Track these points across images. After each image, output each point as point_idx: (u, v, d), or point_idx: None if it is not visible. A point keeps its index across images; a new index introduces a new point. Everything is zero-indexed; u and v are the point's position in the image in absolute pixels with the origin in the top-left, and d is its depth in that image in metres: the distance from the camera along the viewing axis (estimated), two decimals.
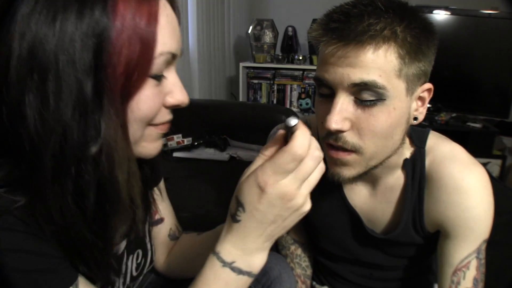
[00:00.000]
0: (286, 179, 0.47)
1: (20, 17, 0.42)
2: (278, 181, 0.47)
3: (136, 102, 0.47)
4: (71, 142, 0.43)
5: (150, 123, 0.51)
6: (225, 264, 0.51)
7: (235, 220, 0.51)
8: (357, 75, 0.58)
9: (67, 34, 0.42)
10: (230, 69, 3.19)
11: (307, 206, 0.50)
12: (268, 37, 2.98)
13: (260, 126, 1.34)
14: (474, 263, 0.70)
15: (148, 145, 0.54)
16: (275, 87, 3.05)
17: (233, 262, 0.51)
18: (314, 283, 0.97)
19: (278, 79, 3.03)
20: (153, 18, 0.45)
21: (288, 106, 3.02)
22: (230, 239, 0.51)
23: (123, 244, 0.64)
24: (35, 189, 0.45)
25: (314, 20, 2.91)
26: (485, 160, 2.28)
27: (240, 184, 0.51)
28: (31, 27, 0.42)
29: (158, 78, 0.49)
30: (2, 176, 0.45)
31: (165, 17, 0.48)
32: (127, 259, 0.66)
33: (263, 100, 3.10)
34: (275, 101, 3.08)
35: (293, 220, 0.51)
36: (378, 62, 0.57)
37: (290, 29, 2.95)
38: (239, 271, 0.52)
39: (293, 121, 0.46)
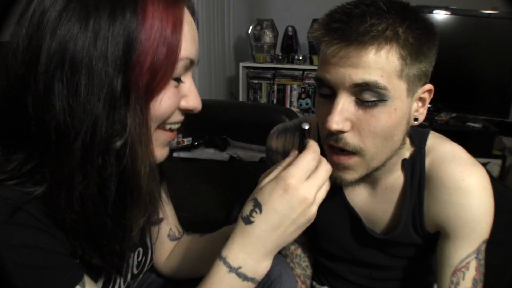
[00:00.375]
0: (306, 182, 0.51)
1: (53, 13, 0.44)
2: (301, 182, 0.50)
3: (158, 101, 0.50)
4: (100, 134, 0.45)
5: (162, 124, 0.53)
6: (231, 269, 0.52)
7: (247, 221, 0.51)
8: (359, 75, 0.58)
9: (101, 32, 0.44)
10: (230, 69, 3.19)
11: (315, 215, 0.53)
12: (268, 37, 2.98)
13: (260, 126, 1.34)
14: (473, 264, 0.70)
15: (157, 150, 0.55)
16: (275, 87, 3.05)
17: (239, 268, 0.52)
18: (314, 283, 0.97)
19: (278, 79, 3.03)
20: (178, 24, 0.49)
21: (288, 106, 3.02)
22: (239, 242, 0.52)
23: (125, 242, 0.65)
24: (58, 178, 0.46)
25: (314, 20, 2.92)
26: (485, 160, 2.28)
27: (261, 187, 0.52)
28: (63, 23, 0.44)
29: (178, 80, 0.52)
30: (12, 168, 0.46)
31: (187, 25, 0.51)
32: (129, 256, 0.66)
33: (263, 100, 3.10)
34: (275, 101, 3.08)
35: (302, 227, 0.53)
36: (380, 63, 0.57)
37: (290, 29, 2.95)
38: (244, 277, 0.52)
39: (306, 125, 0.53)
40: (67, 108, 0.44)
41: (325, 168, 0.54)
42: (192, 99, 0.55)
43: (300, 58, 2.94)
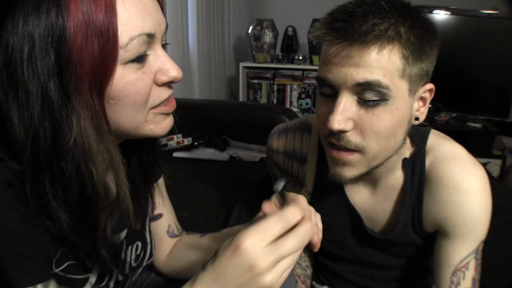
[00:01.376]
0: (265, 248, 0.44)
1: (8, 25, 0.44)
2: (255, 246, 0.44)
3: (117, 91, 0.47)
4: (44, 143, 0.45)
5: (150, 106, 0.52)
6: None
7: (203, 266, 0.48)
8: (361, 74, 0.58)
9: (28, 40, 0.43)
10: (230, 69, 3.19)
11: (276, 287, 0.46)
12: (268, 37, 2.98)
13: (260, 126, 1.34)
14: (472, 263, 0.70)
15: (156, 127, 0.54)
16: (275, 87, 3.05)
17: None
18: (314, 282, 0.97)
19: (278, 79, 3.03)
20: (109, 9, 0.45)
21: (288, 106, 3.02)
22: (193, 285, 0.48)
23: (123, 234, 0.65)
24: (29, 192, 0.46)
25: (314, 20, 2.91)
26: (485, 160, 2.28)
27: (227, 238, 0.48)
28: (5, 33, 0.44)
29: (139, 60, 0.48)
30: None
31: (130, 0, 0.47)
32: (126, 248, 0.66)
33: (263, 100, 3.10)
34: (275, 101, 3.08)
35: None
36: (382, 62, 0.57)
37: (290, 29, 2.95)
38: None
39: (279, 185, 0.46)
40: (16, 120, 0.45)
41: (295, 239, 0.45)
42: (168, 70, 0.52)
43: (300, 58, 2.94)
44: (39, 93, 0.44)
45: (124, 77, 0.48)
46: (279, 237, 0.46)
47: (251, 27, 2.96)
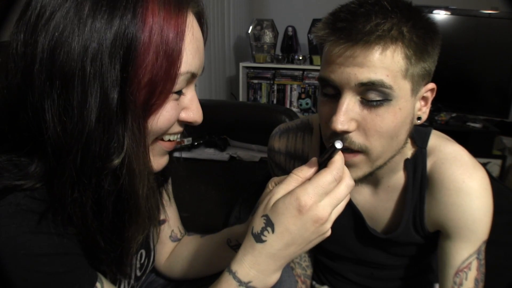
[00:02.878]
0: (323, 201, 0.49)
1: (50, 17, 0.41)
2: (317, 202, 0.48)
3: (156, 117, 0.47)
4: (93, 153, 0.43)
5: (160, 136, 0.52)
6: (241, 283, 0.51)
7: (259, 240, 0.50)
8: (365, 74, 0.57)
9: (95, 41, 0.40)
10: (230, 69, 3.19)
11: (330, 231, 0.52)
12: (268, 37, 2.98)
13: (260, 126, 1.34)
14: (475, 264, 0.70)
15: (153, 159, 0.54)
16: (275, 87, 3.05)
17: (249, 282, 0.51)
18: (314, 282, 0.97)
19: (278, 79, 3.03)
20: (180, 35, 0.45)
21: (288, 106, 3.02)
22: (250, 260, 0.51)
23: None
24: (56, 193, 0.45)
25: (314, 20, 2.92)
26: (485, 160, 2.28)
27: (275, 203, 0.50)
28: (56, 29, 0.40)
29: (179, 93, 0.49)
30: (24, 175, 0.45)
31: (191, 35, 0.47)
32: (132, 259, 0.66)
33: (263, 100, 3.10)
34: (275, 101, 3.08)
35: (315, 243, 0.52)
36: (386, 62, 0.57)
37: (290, 29, 2.95)
38: None
39: (339, 144, 0.49)
40: (58, 124, 0.42)
41: (347, 184, 0.51)
42: (193, 112, 0.52)
43: (300, 58, 2.94)
44: (98, 96, 0.41)
45: (167, 104, 0.48)
46: None
47: (251, 27, 2.96)
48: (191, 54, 0.47)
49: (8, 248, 0.43)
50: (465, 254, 0.70)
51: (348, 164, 0.64)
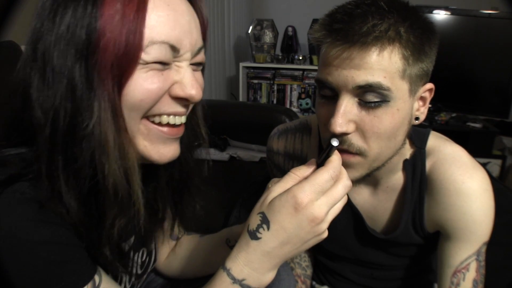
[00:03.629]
0: (320, 200, 0.49)
1: (36, 11, 0.48)
2: (313, 201, 0.48)
3: (130, 89, 0.48)
4: (62, 124, 0.46)
5: (150, 113, 0.51)
6: (235, 281, 0.51)
7: (254, 237, 0.50)
8: (362, 77, 0.57)
9: (63, 25, 0.46)
10: (230, 69, 3.19)
11: (326, 233, 0.52)
12: (268, 37, 2.98)
13: (260, 126, 1.34)
14: (473, 265, 0.70)
15: (151, 147, 0.53)
16: (275, 87, 3.05)
17: (243, 280, 0.51)
18: (314, 282, 0.97)
19: (278, 79, 3.03)
20: (140, 9, 0.47)
21: (288, 106, 3.02)
22: (245, 257, 0.51)
23: (131, 240, 0.65)
24: (38, 172, 0.47)
25: (314, 20, 2.91)
26: (485, 160, 2.28)
27: (272, 201, 0.50)
28: (38, 20, 0.47)
29: (162, 63, 0.49)
30: (25, 165, 0.48)
31: (165, 6, 0.49)
32: (133, 255, 0.66)
33: (263, 100, 3.10)
34: (275, 101, 3.08)
35: (311, 244, 0.51)
36: (383, 64, 0.57)
37: (290, 29, 2.95)
38: None
39: (335, 142, 0.49)
40: (40, 99, 0.46)
41: (344, 185, 0.51)
42: (185, 86, 0.51)
43: (300, 58, 2.94)
44: (65, 73, 0.46)
45: (144, 74, 0.48)
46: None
47: (251, 27, 2.96)
48: (165, 25, 0.48)
49: (10, 235, 0.44)
50: (464, 255, 0.70)
51: (345, 164, 0.64)
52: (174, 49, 0.50)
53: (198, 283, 0.79)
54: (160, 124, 0.53)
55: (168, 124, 0.53)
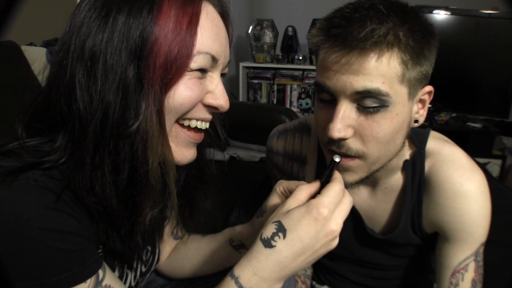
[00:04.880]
0: (336, 213, 0.50)
1: (81, 14, 0.50)
2: (332, 213, 0.49)
3: (174, 92, 0.51)
4: (112, 119, 0.49)
5: (183, 116, 0.54)
6: None
7: (268, 245, 0.49)
8: (360, 83, 0.57)
9: (117, 28, 0.49)
10: (230, 69, 3.18)
11: (335, 245, 0.53)
12: (268, 37, 2.98)
13: (260, 126, 1.34)
14: (472, 266, 0.70)
15: (176, 148, 0.56)
16: (275, 87, 3.05)
17: None
18: (314, 282, 0.97)
19: (278, 79, 3.03)
20: (194, 20, 0.51)
21: (288, 106, 3.02)
22: (255, 265, 0.50)
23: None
24: (80, 162, 0.49)
25: (314, 20, 2.91)
26: (485, 160, 2.27)
27: (290, 211, 0.50)
28: (86, 22, 0.50)
29: (202, 71, 0.54)
30: (48, 154, 0.50)
31: (209, 22, 0.53)
32: (141, 250, 0.67)
33: (263, 100, 3.10)
34: (275, 101, 3.08)
35: (319, 256, 0.52)
36: (381, 69, 0.56)
37: (290, 29, 2.95)
38: None
39: (338, 158, 0.53)
40: (87, 97, 0.49)
41: (349, 200, 0.53)
42: (218, 96, 0.56)
43: (300, 58, 2.94)
44: (117, 72, 0.48)
45: (188, 81, 0.52)
46: None
47: (251, 27, 2.96)
48: (209, 37, 0.53)
49: (22, 220, 0.45)
50: (462, 256, 0.70)
51: (344, 168, 0.64)
52: (214, 60, 0.54)
53: (199, 283, 0.79)
54: (188, 127, 0.56)
55: (194, 129, 0.57)
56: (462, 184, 0.68)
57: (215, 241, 0.78)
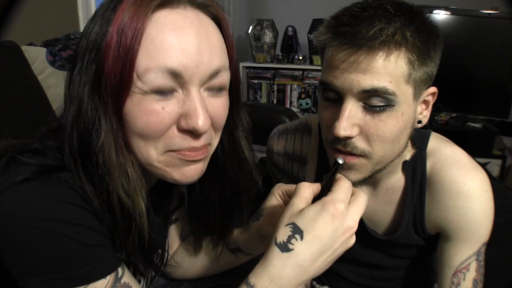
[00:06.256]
0: (352, 209, 0.48)
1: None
2: (347, 209, 0.48)
3: (130, 114, 0.48)
4: (81, 132, 0.48)
5: (167, 148, 0.50)
6: None
7: (285, 249, 0.47)
8: (367, 81, 0.57)
9: (91, 36, 0.48)
10: None
11: (352, 243, 0.50)
12: (268, 37, 2.98)
13: (260, 126, 1.33)
14: (474, 265, 0.70)
15: (173, 171, 0.52)
16: (275, 87, 3.05)
17: None
18: (314, 283, 0.97)
19: (278, 79, 3.03)
20: (138, 31, 0.45)
21: (288, 106, 3.02)
22: (272, 272, 0.47)
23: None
24: (79, 176, 0.49)
25: (314, 20, 2.91)
26: (485, 160, 2.27)
27: (302, 211, 0.48)
28: (86, 29, 0.50)
29: (161, 93, 0.47)
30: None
31: (168, 29, 0.46)
32: (152, 257, 0.66)
33: (263, 100, 3.10)
34: (275, 101, 3.08)
35: (338, 256, 0.49)
36: (389, 68, 0.57)
37: (290, 29, 2.95)
38: None
39: (341, 160, 0.53)
40: (68, 108, 0.49)
41: (364, 197, 0.50)
42: (191, 117, 0.47)
43: (300, 58, 2.94)
44: (83, 85, 0.48)
45: (140, 105, 0.47)
46: None
47: (251, 27, 2.96)
48: (162, 49, 0.45)
49: (46, 212, 0.45)
50: (464, 255, 0.70)
51: (348, 167, 0.64)
52: (175, 75, 0.46)
53: (199, 284, 0.79)
54: (179, 151, 0.50)
55: (189, 148, 0.51)
56: (465, 183, 0.68)
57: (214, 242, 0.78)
